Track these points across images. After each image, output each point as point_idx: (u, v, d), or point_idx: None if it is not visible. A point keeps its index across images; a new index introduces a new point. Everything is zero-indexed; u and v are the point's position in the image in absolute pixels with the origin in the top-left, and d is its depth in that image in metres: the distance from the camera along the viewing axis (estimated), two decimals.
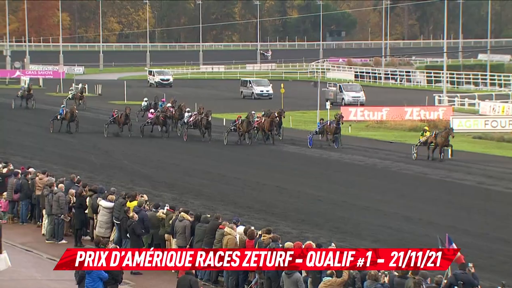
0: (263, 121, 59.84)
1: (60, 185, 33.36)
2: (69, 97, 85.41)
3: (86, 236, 32.38)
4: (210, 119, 60.82)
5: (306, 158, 55.63)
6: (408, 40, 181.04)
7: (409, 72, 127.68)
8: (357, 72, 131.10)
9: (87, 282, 23.28)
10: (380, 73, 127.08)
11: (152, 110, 67.99)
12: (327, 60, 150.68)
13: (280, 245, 24.73)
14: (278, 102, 78.91)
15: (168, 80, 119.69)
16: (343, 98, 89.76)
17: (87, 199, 32.22)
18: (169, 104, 68.23)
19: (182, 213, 28.56)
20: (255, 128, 60.14)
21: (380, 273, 22.76)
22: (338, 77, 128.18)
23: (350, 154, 55.94)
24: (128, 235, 29.18)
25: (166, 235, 29.28)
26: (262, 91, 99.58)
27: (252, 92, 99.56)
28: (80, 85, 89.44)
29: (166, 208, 30.13)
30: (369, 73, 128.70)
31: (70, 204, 32.85)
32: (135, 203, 29.95)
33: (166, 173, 48.99)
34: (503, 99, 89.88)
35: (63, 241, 32.56)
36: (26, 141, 62.14)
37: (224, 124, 68.16)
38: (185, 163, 53.32)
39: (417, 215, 37.74)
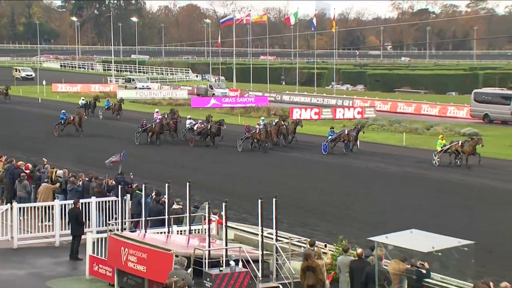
0: (268, 129, 37.74)
1: None
2: None
3: None
4: (223, 127, 39.06)
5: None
6: (92, 45, 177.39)
7: (93, 63, 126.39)
8: (61, 63, 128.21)
9: None
10: (75, 65, 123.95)
11: (160, 117, 41.68)
12: (42, 56, 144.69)
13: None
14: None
15: (31, 75, 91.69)
16: (213, 94, 72.29)
17: None
18: (157, 111, 45.23)
19: None
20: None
21: (78, 177, 22.08)
22: (50, 66, 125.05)
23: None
24: None
25: None
26: (143, 86, 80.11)
27: (136, 87, 78.92)
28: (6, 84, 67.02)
29: None
30: (69, 64, 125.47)
31: None
32: None
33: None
34: (154, 81, 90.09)
35: None
36: None
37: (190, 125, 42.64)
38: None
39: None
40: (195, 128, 40.00)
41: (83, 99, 57.29)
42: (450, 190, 27.75)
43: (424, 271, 12.75)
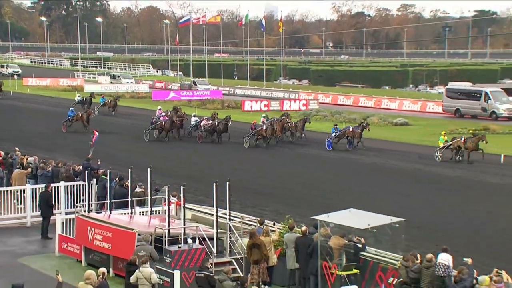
0: (275, 126, 35.31)
1: None
2: None
3: None
4: (230, 123, 36.17)
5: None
6: (60, 43, 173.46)
7: (61, 60, 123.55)
8: (31, 59, 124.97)
9: None
10: (45, 61, 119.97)
11: (163, 114, 38.08)
12: (13, 53, 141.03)
13: None
14: None
15: (18, 71, 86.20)
16: (197, 89, 68.95)
17: None
18: (159, 107, 41.47)
19: None
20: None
21: (47, 163, 21.67)
22: (21, 62, 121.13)
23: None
24: None
25: None
26: (128, 82, 76.83)
27: (121, 82, 75.74)
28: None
29: None
30: (39, 60, 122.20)
31: None
32: None
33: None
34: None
35: None
36: None
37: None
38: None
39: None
40: (201, 124, 36.93)
41: (79, 96, 52.54)
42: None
43: (360, 246, 12.98)
